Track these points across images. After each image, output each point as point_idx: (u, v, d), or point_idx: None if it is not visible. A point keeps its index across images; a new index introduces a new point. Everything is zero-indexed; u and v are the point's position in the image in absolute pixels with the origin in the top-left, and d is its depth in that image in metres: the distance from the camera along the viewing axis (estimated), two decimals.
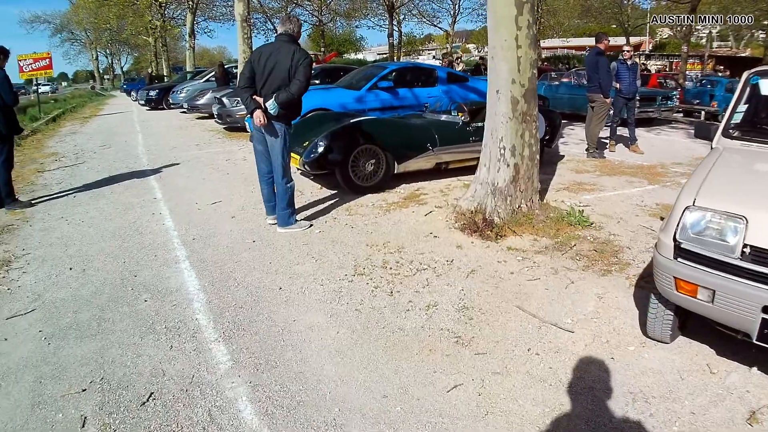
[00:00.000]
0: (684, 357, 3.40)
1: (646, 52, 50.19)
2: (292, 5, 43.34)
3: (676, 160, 10.12)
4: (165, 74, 38.44)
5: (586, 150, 10.43)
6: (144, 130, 16.05)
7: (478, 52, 69.06)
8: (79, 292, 4.45)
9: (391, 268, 4.73)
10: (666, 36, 57.47)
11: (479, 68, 21.10)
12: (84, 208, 7.11)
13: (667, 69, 39.46)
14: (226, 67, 20.32)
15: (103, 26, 44.00)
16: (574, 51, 51.09)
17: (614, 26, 50.79)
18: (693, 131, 7.98)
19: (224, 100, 13.44)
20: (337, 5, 44.93)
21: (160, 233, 5.95)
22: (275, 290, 4.36)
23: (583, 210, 6.01)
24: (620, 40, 49.72)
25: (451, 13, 43.75)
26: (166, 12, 39.64)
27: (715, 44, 55.08)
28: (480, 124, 7.68)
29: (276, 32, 5.55)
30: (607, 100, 10.07)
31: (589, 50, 10.57)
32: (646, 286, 4.37)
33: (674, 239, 3.03)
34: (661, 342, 3.53)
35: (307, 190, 7.59)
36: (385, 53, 67.27)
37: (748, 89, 4.32)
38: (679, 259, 3.02)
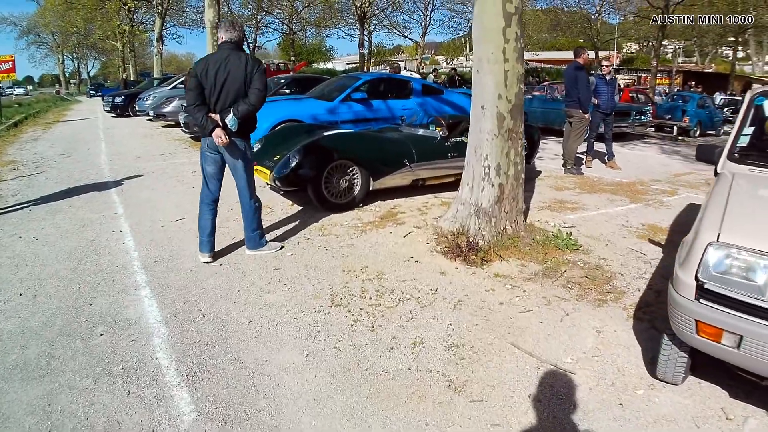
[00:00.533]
0: (696, 401, 3.12)
1: (614, 66, 50.83)
2: (263, 13, 42.96)
3: (654, 176, 9.99)
4: (135, 80, 37.65)
5: (563, 165, 10.23)
6: (108, 138, 15.46)
7: (447, 63, 69.39)
8: (28, 323, 3.99)
9: (370, 298, 4.36)
10: (632, 51, 58.27)
11: (453, 80, 20.87)
12: (39, 223, 6.61)
13: (636, 83, 39.92)
14: None
15: (71, 30, 43.05)
16: (543, 64, 51.56)
17: (582, 40, 51.49)
18: (666, 146, 7.73)
19: None
20: (307, 14, 44.63)
21: (119, 254, 5.50)
22: (244, 324, 3.96)
23: (570, 233, 5.72)
24: (589, 55, 50.55)
25: (422, 24, 43.80)
26: (134, 17, 38.96)
27: (680, 59, 55.97)
28: (458, 140, 7.40)
29: (224, 39, 4.92)
30: (586, 116, 9.87)
31: (568, 65, 10.37)
32: (644, 318, 4.13)
33: (696, 278, 2.72)
34: (672, 384, 3.23)
35: (277, 206, 7.18)
36: (355, 63, 67.29)
37: (752, 110, 4.07)
38: (701, 301, 2.71)
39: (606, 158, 11.04)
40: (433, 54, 74.66)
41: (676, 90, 33.55)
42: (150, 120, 18.30)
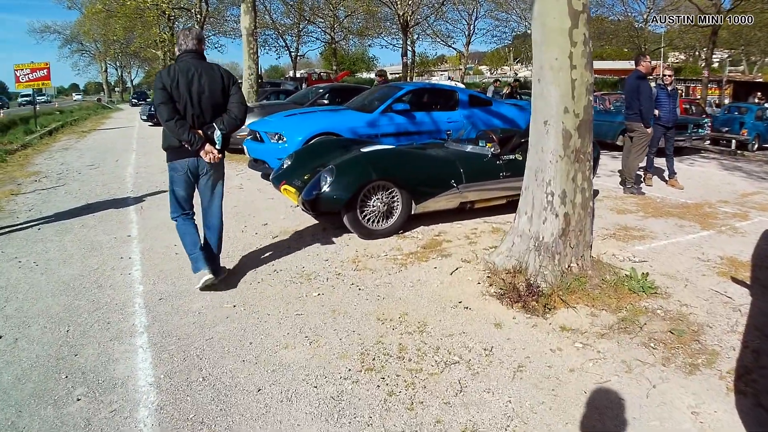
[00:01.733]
0: None
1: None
2: (305, 22, 42.72)
3: (721, 197, 9.04)
4: None
5: (621, 184, 9.32)
6: (140, 148, 15.03)
7: (491, 73, 68.41)
8: None
9: (410, 360, 3.54)
10: (677, 60, 56.47)
11: (512, 92, 19.93)
12: (45, 245, 6.00)
13: (683, 94, 38.45)
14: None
15: (111, 38, 43.36)
16: None
17: (626, 50, 49.98)
18: (726, 162, 6.87)
19: None
20: (350, 23, 44.23)
21: (122, 288, 4.81)
22: (252, 393, 3.18)
23: (646, 273, 4.82)
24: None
25: (466, 33, 42.99)
26: (175, 25, 38.95)
27: (726, 69, 53.99)
28: (511, 157, 6.59)
29: (184, 49, 4.43)
30: (648, 130, 8.96)
31: (630, 74, 9.45)
32: (747, 391, 3.27)
33: None
34: None
35: (307, 231, 6.43)
36: (398, 73, 66.76)
37: None
38: None
39: (667, 176, 10.10)
40: (476, 64, 73.83)
41: (727, 101, 32.01)
42: None
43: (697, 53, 52.04)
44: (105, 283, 4.91)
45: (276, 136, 8.77)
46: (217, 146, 4.41)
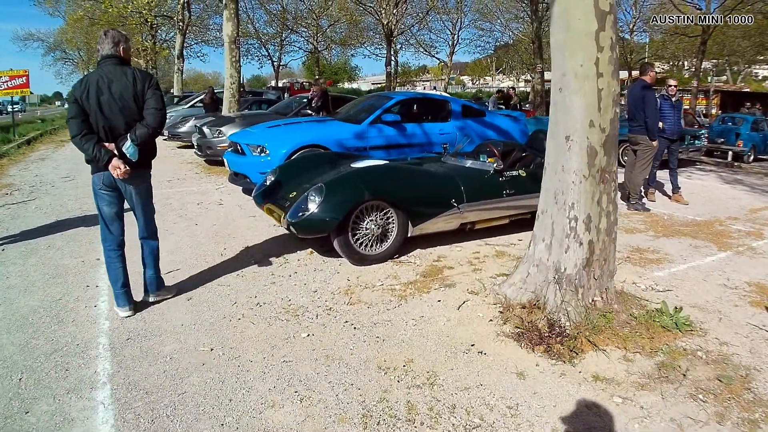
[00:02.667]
0: None
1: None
2: (287, 31, 42.23)
3: (729, 213, 8.62)
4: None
5: (625, 200, 8.83)
6: None
7: (473, 83, 68.20)
8: None
9: (422, 423, 2.94)
10: (659, 71, 56.52)
11: (508, 101, 19.28)
12: (6, 269, 5.38)
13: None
14: (217, 91, 18.70)
15: (94, 46, 42.46)
16: None
17: None
18: (725, 174, 6.54)
19: (205, 129, 11.74)
20: (332, 32, 43.78)
21: (85, 324, 4.20)
22: None
23: (680, 308, 4.28)
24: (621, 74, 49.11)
25: (449, 43, 42.64)
26: (157, 34, 38.25)
27: (713, 79, 54.14)
28: (514, 174, 6.10)
29: (101, 54, 4.07)
30: (654, 143, 8.49)
31: (633, 84, 8.98)
32: None
33: None
34: None
35: (293, 256, 5.82)
36: (380, 83, 66.37)
37: None
38: None
39: (670, 190, 9.64)
40: (458, 74, 73.57)
41: (714, 111, 31.88)
42: (166, 140, 17.09)
43: (680, 63, 52.24)
44: (67, 318, 4.30)
45: (258, 149, 8.19)
46: (132, 159, 3.99)
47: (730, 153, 16.88)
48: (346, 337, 3.96)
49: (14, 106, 24.78)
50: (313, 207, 5.02)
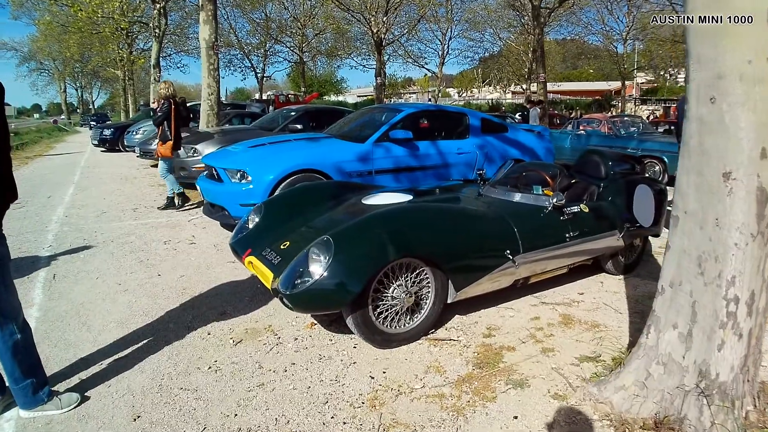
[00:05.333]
0: None
1: (638, 97, 48.23)
2: (271, 41, 40.77)
3: None
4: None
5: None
6: (81, 180, 12.70)
7: (459, 95, 66.88)
8: None
9: None
10: (643, 81, 55.66)
11: (524, 115, 17.40)
12: None
13: (665, 115, 37.37)
14: (191, 104, 17.03)
15: (66, 55, 40.60)
16: (560, 96, 49.22)
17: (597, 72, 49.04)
18: None
19: None
20: (318, 43, 42.30)
21: None
22: None
23: None
24: (614, 84, 48.16)
25: (439, 54, 41.31)
26: (134, 43, 36.55)
27: None
28: (575, 209, 4.62)
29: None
30: None
31: (682, 96, 7.54)
32: None
33: None
34: None
35: (288, 330, 4.22)
36: (367, 95, 64.81)
37: None
38: None
39: None
40: (444, 86, 72.37)
41: None
42: (138, 157, 15.41)
43: (665, 73, 51.41)
44: None
45: (238, 174, 6.58)
46: None
47: None
48: None
49: None
50: (317, 272, 3.43)
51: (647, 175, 7.34)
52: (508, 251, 4.12)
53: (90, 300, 4.79)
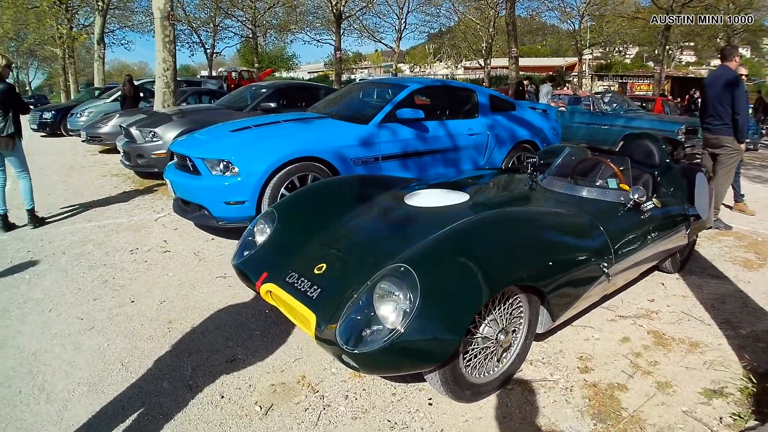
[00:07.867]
0: None
1: (591, 74, 48.22)
2: (222, 15, 38.99)
3: None
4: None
5: None
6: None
7: (411, 71, 65.96)
8: None
9: None
10: (593, 56, 55.95)
11: (520, 91, 15.93)
12: None
13: (624, 90, 37.66)
14: (138, 83, 15.59)
15: (0, 33, 37.94)
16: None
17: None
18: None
19: (133, 131, 8.78)
20: (270, 17, 40.63)
21: None
22: None
23: None
24: (571, 60, 48.06)
25: (396, 28, 40.29)
26: (75, 18, 34.20)
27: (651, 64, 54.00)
28: (651, 205, 3.80)
29: None
30: (742, 146, 6.51)
31: (714, 72, 6.82)
32: None
33: None
34: None
35: (328, 384, 3.13)
36: (318, 71, 63.25)
37: None
38: None
39: (734, 198, 7.68)
40: (397, 62, 71.40)
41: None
42: (84, 142, 13.88)
43: (617, 50, 51.71)
44: None
45: (221, 165, 5.35)
46: None
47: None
48: None
49: None
50: (394, 318, 2.37)
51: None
52: (603, 263, 3.18)
53: (44, 347, 3.55)
